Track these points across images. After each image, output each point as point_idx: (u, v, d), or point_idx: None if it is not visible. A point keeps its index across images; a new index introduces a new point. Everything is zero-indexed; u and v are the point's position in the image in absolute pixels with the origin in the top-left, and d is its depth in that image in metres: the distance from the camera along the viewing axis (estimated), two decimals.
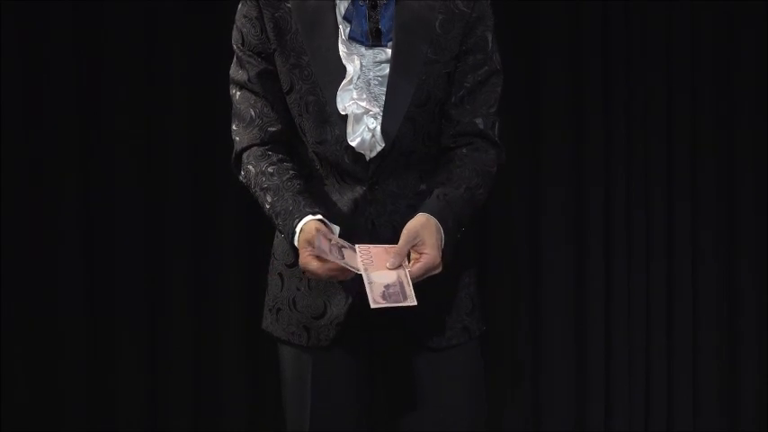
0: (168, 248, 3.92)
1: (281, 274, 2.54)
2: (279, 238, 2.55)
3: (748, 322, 4.07)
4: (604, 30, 4.01)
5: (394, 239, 2.40)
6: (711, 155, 4.05)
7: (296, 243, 2.38)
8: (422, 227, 2.35)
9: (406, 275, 2.33)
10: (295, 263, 2.46)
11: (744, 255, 4.06)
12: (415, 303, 2.31)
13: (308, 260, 2.34)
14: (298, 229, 2.38)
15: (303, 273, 2.39)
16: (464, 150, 2.50)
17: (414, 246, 2.35)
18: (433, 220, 2.37)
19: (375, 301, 2.31)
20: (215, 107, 3.60)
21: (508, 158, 2.59)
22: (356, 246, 2.37)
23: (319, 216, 2.38)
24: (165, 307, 3.94)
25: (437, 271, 2.35)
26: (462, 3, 2.48)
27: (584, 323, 4.07)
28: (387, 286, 2.32)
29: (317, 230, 2.34)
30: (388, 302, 2.31)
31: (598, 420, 4.07)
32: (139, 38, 3.89)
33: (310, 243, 2.33)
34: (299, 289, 2.51)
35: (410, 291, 2.31)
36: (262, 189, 2.45)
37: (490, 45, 2.51)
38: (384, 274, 2.33)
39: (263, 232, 2.78)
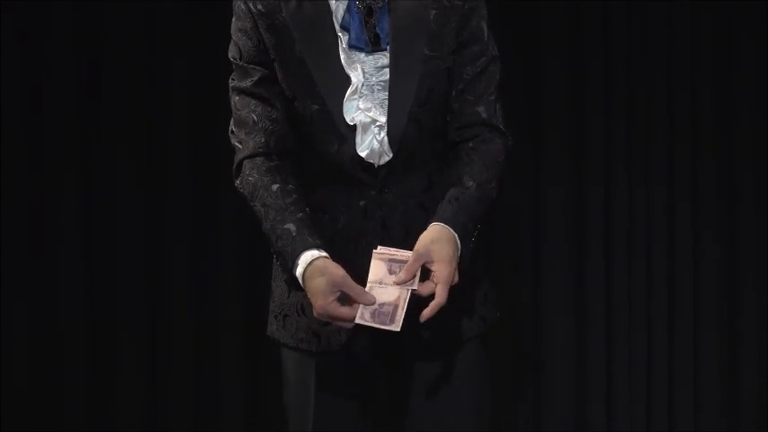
0: (168, 248, 3.92)
1: (287, 281, 2.53)
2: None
3: (748, 322, 4.07)
4: (604, 30, 4.01)
5: (406, 239, 2.39)
6: (711, 155, 4.05)
7: (297, 274, 2.35)
8: (432, 241, 2.33)
9: (405, 299, 2.31)
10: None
11: (744, 255, 4.06)
12: (398, 330, 2.29)
13: (334, 308, 2.31)
14: (302, 262, 2.34)
15: (319, 317, 2.34)
16: (471, 144, 2.49)
17: (425, 263, 2.32)
18: (446, 230, 2.35)
19: (362, 316, 2.30)
20: (215, 107, 3.59)
21: (509, 158, 2.58)
22: (374, 251, 2.35)
23: (325, 254, 2.35)
24: (165, 307, 3.94)
25: (456, 281, 2.33)
26: None
27: (585, 323, 4.07)
28: (381, 305, 2.31)
29: (345, 276, 2.31)
30: (373, 322, 2.30)
31: (599, 420, 4.07)
32: (139, 38, 3.88)
33: (337, 286, 2.31)
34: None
35: (400, 316, 2.30)
36: (263, 205, 2.42)
37: (486, 34, 2.50)
38: (388, 290, 2.32)
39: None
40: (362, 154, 2.43)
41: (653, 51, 4.03)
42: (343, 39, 2.44)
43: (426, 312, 2.30)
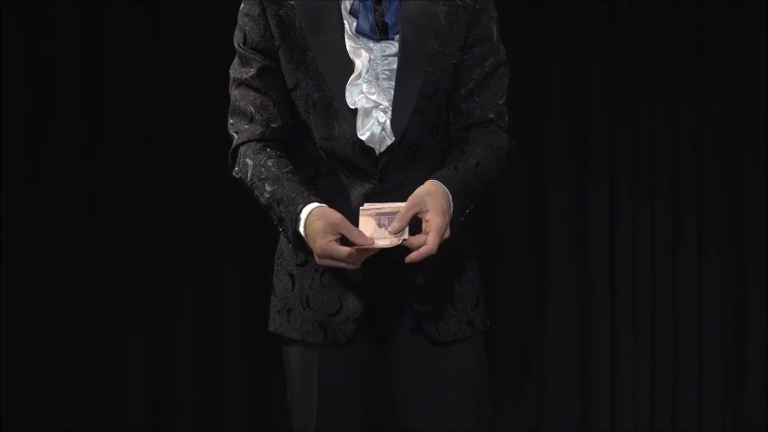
0: (171, 248, 3.92)
1: (291, 275, 2.53)
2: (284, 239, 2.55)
3: (753, 322, 4.07)
4: (608, 29, 4.01)
5: None
6: (715, 154, 4.05)
7: (300, 229, 2.36)
8: (427, 193, 2.34)
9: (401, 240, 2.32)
10: (306, 261, 2.48)
11: (749, 254, 4.06)
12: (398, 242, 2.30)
13: (333, 246, 2.29)
14: (303, 215, 2.35)
15: (321, 260, 2.32)
16: (477, 133, 2.52)
17: (418, 212, 2.33)
18: (441, 186, 2.37)
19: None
20: (217, 107, 3.59)
21: (511, 158, 2.59)
22: (361, 208, 2.36)
23: (325, 205, 2.36)
24: (169, 306, 3.93)
25: (446, 236, 2.33)
26: None
27: (589, 323, 4.07)
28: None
29: (343, 219, 2.31)
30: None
31: (602, 420, 4.07)
32: (141, 38, 3.88)
33: (335, 227, 2.29)
34: (311, 287, 2.50)
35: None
36: (260, 179, 2.43)
37: (495, 36, 2.53)
38: (385, 236, 2.33)
39: (266, 231, 2.78)
40: (363, 138, 2.44)
41: (656, 51, 4.03)
42: (351, 25, 2.45)
43: (413, 256, 2.30)
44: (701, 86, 4.04)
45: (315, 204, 2.36)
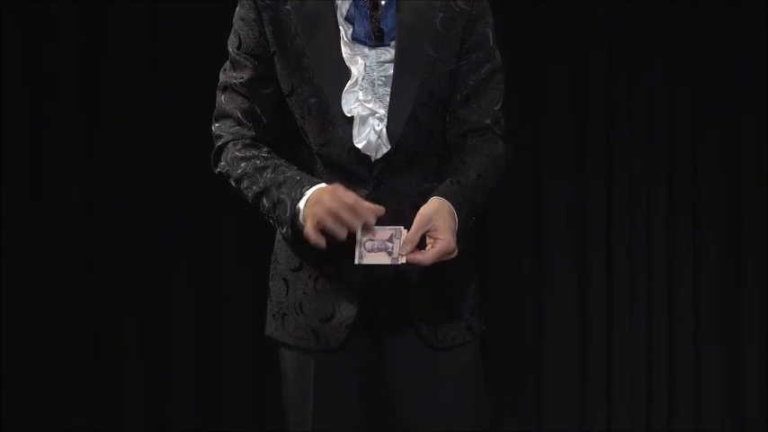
0: (171, 248, 3.92)
1: (285, 280, 2.53)
2: (279, 243, 2.55)
3: (751, 322, 4.06)
4: (607, 29, 4.00)
5: None
6: (713, 154, 4.04)
7: (301, 204, 2.35)
8: (435, 212, 2.35)
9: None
10: (300, 266, 2.49)
11: (746, 254, 4.05)
12: (404, 262, 2.30)
13: (343, 192, 2.32)
14: (308, 192, 2.36)
15: (325, 214, 2.32)
16: (474, 141, 2.52)
17: (427, 231, 2.34)
18: (447, 204, 2.37)
19: (361, 256, 2.31)
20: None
21: (508, 165, 2.59)
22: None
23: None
24: (169, 306, 3.93)
25: (452, 256, 2.34)
26: (462, 1, 2.49)
27: (586, 324, 4.07)
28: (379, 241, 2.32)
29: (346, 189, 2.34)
30: (372, 260, 2.31)
31: (599, 421, 4.07)
32: (141, 38, 3.88)
33: (339, 190, 2.32)
34: (305, 293, 2.50)
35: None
36: (256, 169, 2.43)
37: (491, 42, 2.53)
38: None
39: (267, 231, 2.77)
40: (359, 146, 2.44)
41: (656, 51, 4.02)
42: (347, 31, 2.45)
43: (431, 255, 2.30)
44: (700, 86, 4.02)
45: (322, 184, 2.37)
